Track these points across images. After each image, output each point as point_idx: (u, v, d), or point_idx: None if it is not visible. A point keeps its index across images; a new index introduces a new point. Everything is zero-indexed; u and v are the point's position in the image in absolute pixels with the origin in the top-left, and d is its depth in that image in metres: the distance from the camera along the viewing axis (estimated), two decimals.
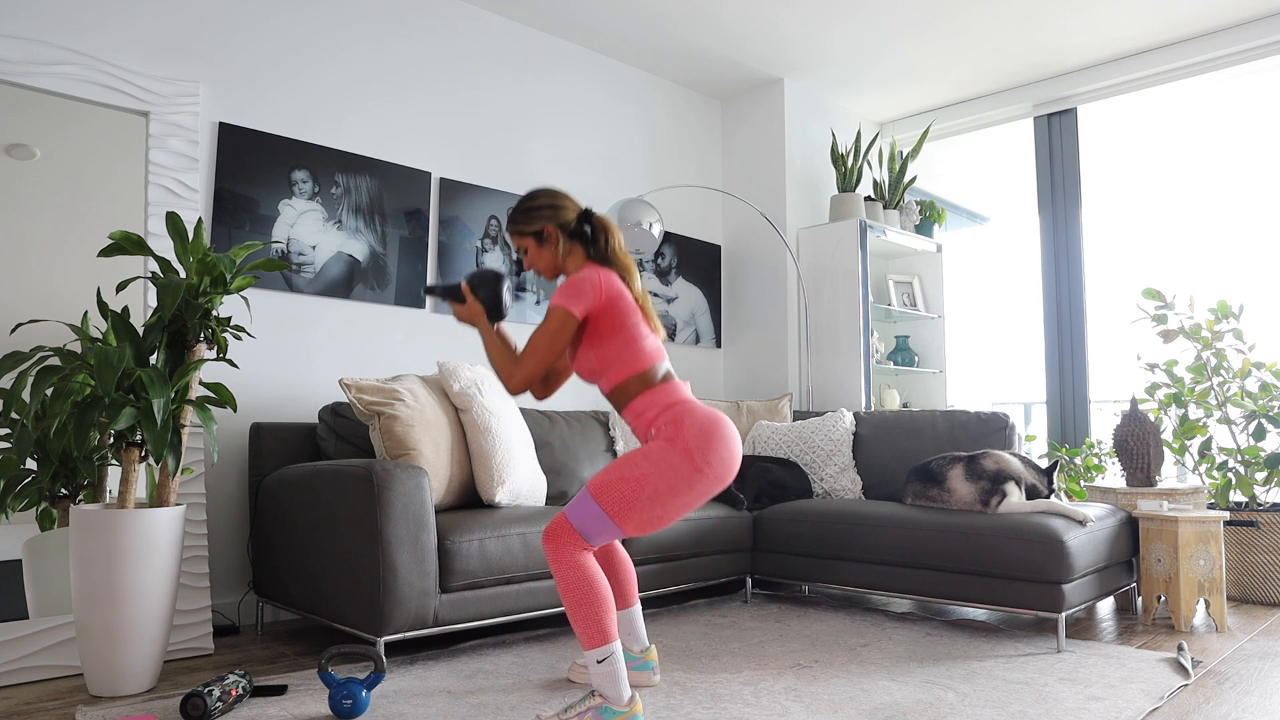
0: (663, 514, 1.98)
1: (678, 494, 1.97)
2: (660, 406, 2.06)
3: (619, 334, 2.09)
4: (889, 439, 3.87)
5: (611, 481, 1.96)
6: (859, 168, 4.78)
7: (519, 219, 2.22)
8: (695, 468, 1.96)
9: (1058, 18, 4.16)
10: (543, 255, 2.22)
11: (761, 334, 4.90)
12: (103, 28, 2.96)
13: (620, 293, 2.11)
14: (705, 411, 2.04)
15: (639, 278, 2.21)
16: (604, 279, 2.09)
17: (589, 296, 2.06)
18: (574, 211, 2.22)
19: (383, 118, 3.67)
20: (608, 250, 2.19)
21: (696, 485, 1.98)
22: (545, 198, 2.22)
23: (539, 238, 2.21)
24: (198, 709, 2.01)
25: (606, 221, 2.22)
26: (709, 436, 1.99)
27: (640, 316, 2.14)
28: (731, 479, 2.04)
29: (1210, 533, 3.10)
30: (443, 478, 2.86)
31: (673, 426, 2.01)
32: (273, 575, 2.91)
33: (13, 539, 2.54)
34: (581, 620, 1.91)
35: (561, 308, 2.05)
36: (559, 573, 1.94)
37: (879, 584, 3.14)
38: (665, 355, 2.17)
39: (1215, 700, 2.24)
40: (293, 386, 3.32)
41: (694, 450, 1.97)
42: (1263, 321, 4.30)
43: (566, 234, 2.20)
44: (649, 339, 2.14)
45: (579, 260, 2.21)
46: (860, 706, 2.16)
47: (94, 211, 2.86)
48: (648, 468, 1.96)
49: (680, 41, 4.42)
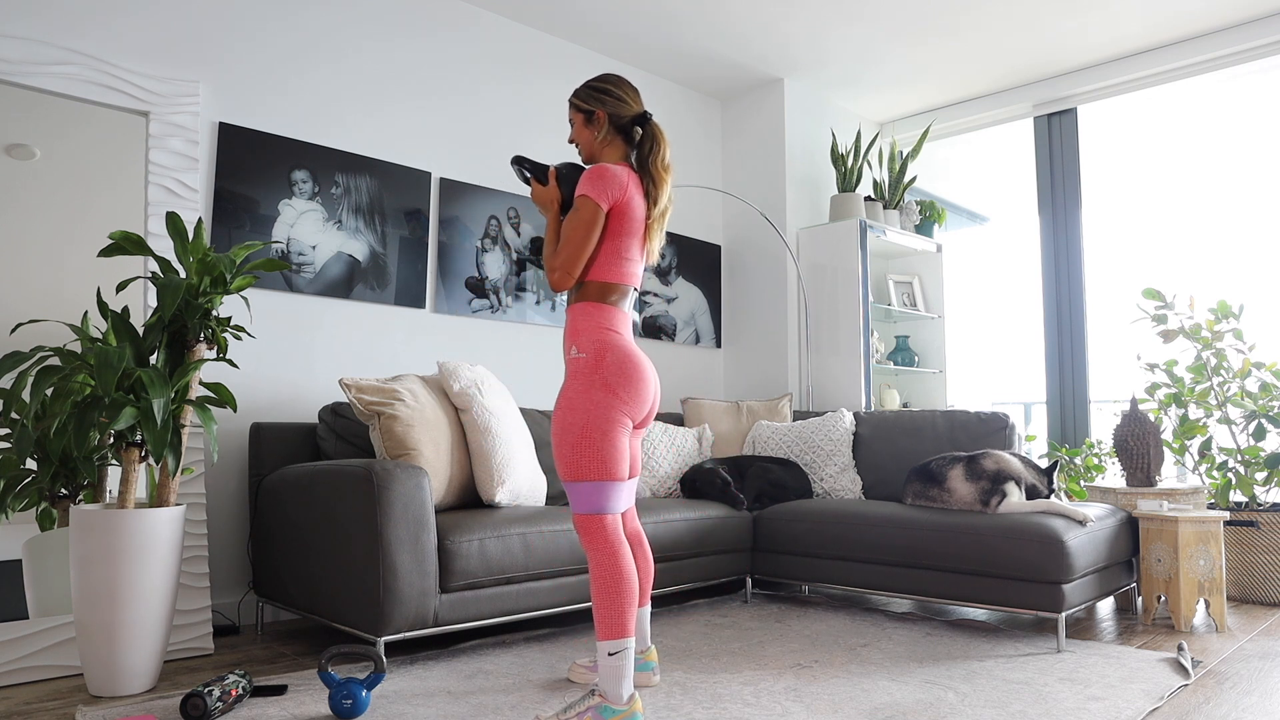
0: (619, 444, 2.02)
1: (617, 423, 2.02)
2: (594, 325, 2.09)
3: (610, 240, 2.11)
4: (889, 439, 3.87)
5: (566, 456, 2.01)
6: (859, 168, 4.78)
7: (582, 92, 2.25)
8: (617, 397, 2.02)
9: (1058, 18, 4.16)
10: (584, 134, 2.25)
11: (761, 334, 4.90)
12: (103, 28, 2.96)
13: (633, 205, 2.12)
14: (630, 349, 2.08)
15: (668, 194, 2.22)
16: (628, 183, 2.11)
17: (614, 189, 2.08)
18: (634, 110, 2.24)
19: (382, 117, 3.67)
20: (649, 159, 2.19)
21: (624, 413, 2.03)
22: (614, 84, 2.25)
23: (589, 117, 2.23)
24: (198, 709, 2.01)
25: (659, 131, 2.22)
26: (625, 371, 2.04)
27: (638, 240, 2.16)
28: (648, 404, 2.10)
29: (1210, 533, 3.10)
30: (443, 478, 2.86)
31: (594, 356, 2.04)
32: (273, 575, 2.91)
33: (13, 539, 2.54)
34: (605, 609, 1.95)
35: (588, 197, 2.07)
36: (594, 559, 1.99)
37: (879, 584, 3.14)
38: (636, 284, 2.19)
39: (1215, 700, 2.24)
40: (293, 386, 3.32)
41: (613, 383, 2.02)
42: (1263, 321, 4.30)
43: (615, 126, 2.22)
44: (632, 262, 2.16)
45: (614, 155, 2.23)
46: (860, 706, 2.16)
47: (94, 211, 2.86)
48: (579, 417, 2.00)
49: (681, 41, 4.42)
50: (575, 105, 2.26)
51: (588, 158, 2.27)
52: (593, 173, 2.09)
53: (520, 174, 2.26)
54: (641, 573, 2.36)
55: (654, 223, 2.19)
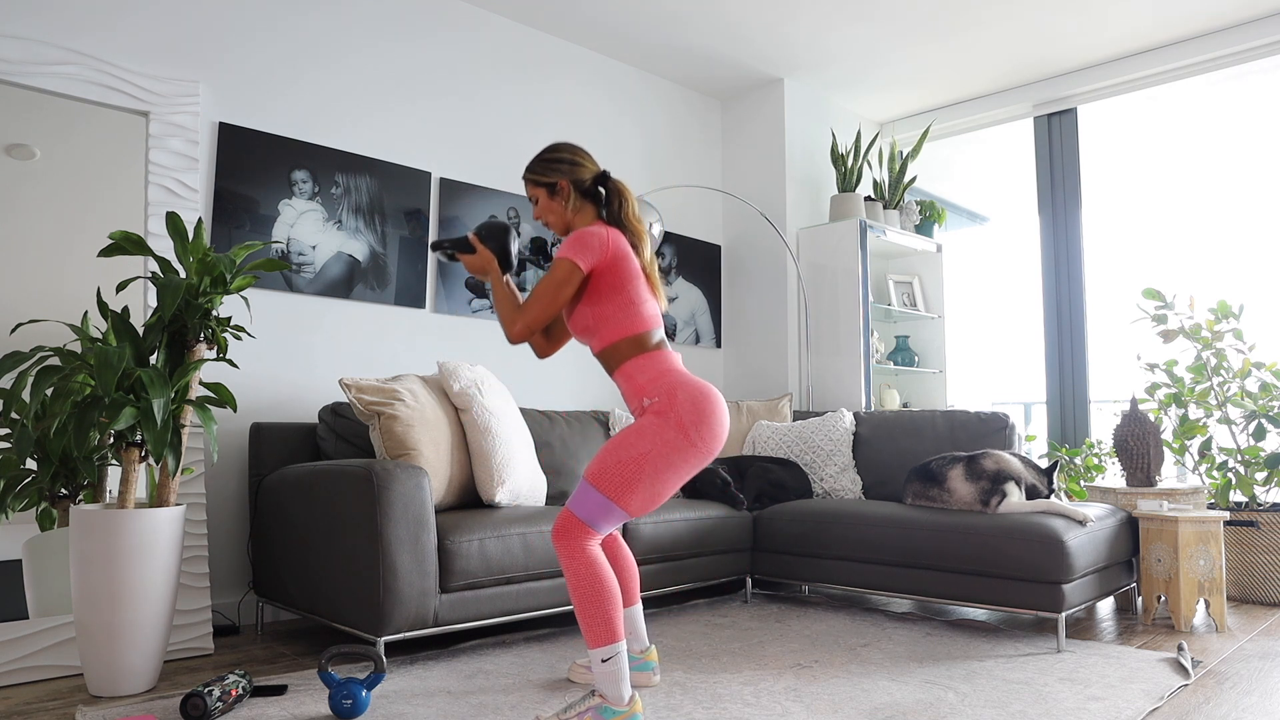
0: (661, 490, 1.99)
1: (674, 468, 1.98)
2: (652, 374, 2.06)
3: (618, 294, 2.09)
4: (889, 439, 3.87)
5: (609, 466, 1.96)
6: (859, 168, 4.78)
7: (536, 167, 2.22)
8: (689, 441, 1.98)
9: (1058, 18, 4.16)
10: (552, 208, 2.22)
11: (761, 334, 4.90)
12: (103, 28, 2.96)
13: (626, 253, 2.11)
14: (697, 383, 2.05)
15: (649, 245, 2.21)
16: (611, 237, 2.09)
17: (595, 251, 2.06)
18: (592, 171, 2.22)
19: (382, 118, 3.67)
20: (620, 215, 2.18)
21: (691, 459, 1.99)
22: (566, 152, 2.21)
23: (551, 189, 2.21)
24: (198, 709, 2.01)
25: (622, 187, 2.21)
26: (701, 410, 2.00)
27: (644, 282, 2.14)
28: (718, 450, 2.06)
29: (1210, 533, 3.10)
30: (443, 478, 2.86)
31: (666, 398, 2.01)
32: (273, 575, 2.91)
33: (13, 539, 2.54)
34: (589, 617, 1.91)
35: (567, 259, 2.04)
36: (569, 568, 1.94)
37: (879, 584, 3.14)
38: (661, 323, 2.17)
39: (1215, 700, 2.24)
40: (293, 386, 3.32)
41: (687, 424, 1.98)
42: (1263, 321, 4.30)
43: (579, 191, 2.20)
44: (648, 304, 2.14)
45: (588, 219, 2.21)
46: (860, 706, 2.16)
47: (94, 211, 2.86)
48: (645, 446, 1.96)
49: (682, 41, 4.42)
50: (534, 181, 2.22)
51: (562, 230, 2.24)
52: (572, 238, 2.07)
53: (446, 255, 2.24)
54: (625, 573, 2.35)
55: (649, 271, 2.18)
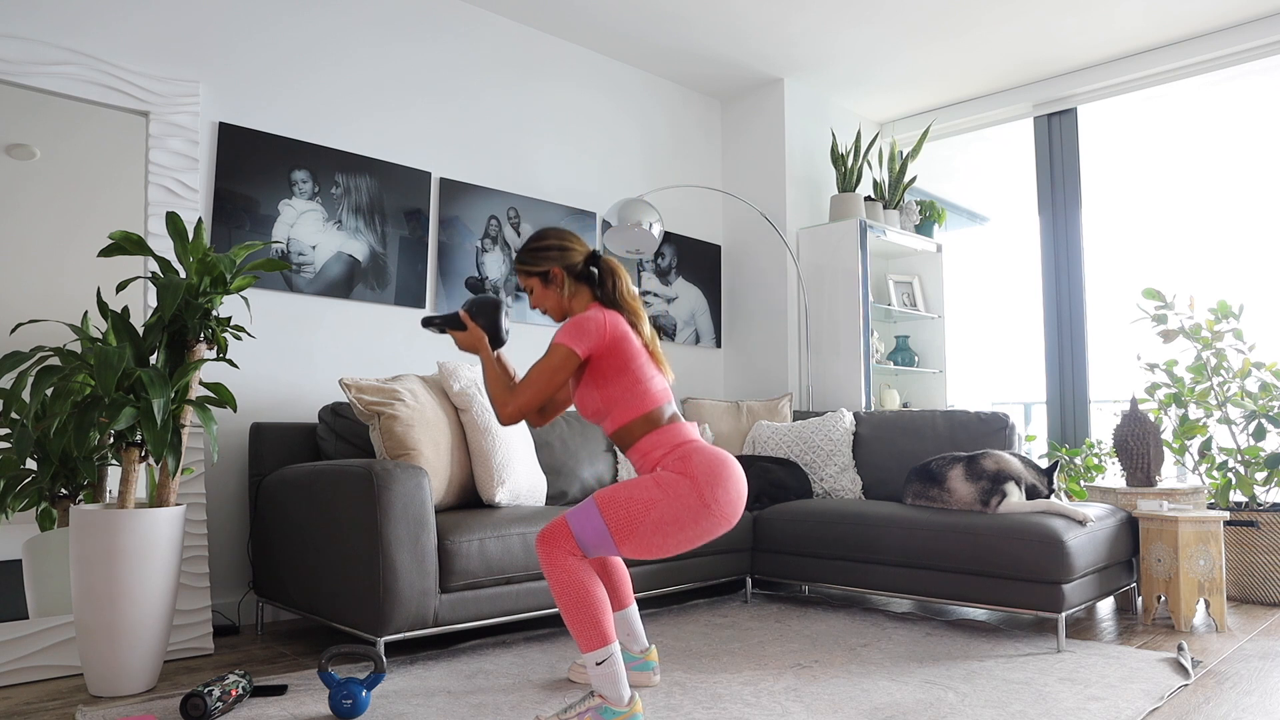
0: (662, 543, 1.96)
1: (682, 527, 1.95)
2: (667, 446, 2.04)
3: (624, 375, 2.07)
4: (889, 439, 3.87)
5: (620, 499, 1.94)
6: (859, 168, 4.78)
7: (526, 258, 2.21)
8: (703, 502, 1.95)
9: (1058, 18, 4.16)
10: (548, 296, 2.21)
11: (761, 334, 4.90)
12: (103, 28, 2.96)
13: (625, 335, 2.09)
14: (713, 451, 2.03)
15: (648, 321, 2.19)
16: (609, 320, 2.07)
17: (592, 336, 2.04)
18: (582, 253, 2.21)
19: (382, 118, 3.67)
20: (615, 293, 2.17)
21: (701, 522, 1.96)
22: (554, 238, 2.21)
23: (544, 278, 2.20)
24: (198, 709, 2.01)
25: (614, 264, 2.20)
26: (716, 476, 1.97)
27: (647, 358, 2.12)
28: (735, 522, 2.02)
29: (1210, 533, 3.10)
30: (443, 478, 2.86)
31: (681, 463, 1.99)
32: (273, 575, 2.91)
33: (13, 539, 2.54)
34: (578, 623, 1.90)
35: (564, 346, 2.03)
36: (552, 575, 1.93)
37: (879, 584, 3.14)
38: (671, 397, 2.15)
39: (1215, 700, 2.24)
40: (293, 386, 3.32)
41: (702, 485, 1.95)
42: (1263, 321, 4.30)
43: (573, 275, 2.20)
44: (655, 380, 2.11)
45: (585, 301, 2.20)
46: (860, 706, 2.16)
47: (94, 211, 2.86)
48: (657, 494, 1.94)
49: (682, 41, 4.42)
50: (526, 272, 2.22)
51: (560, 316, 2.23)
52: (569, 324, 2.05)
53: (436, 330, 2.25)
54: (615, 576, 2.35)
55: (652, 346, 2.16)
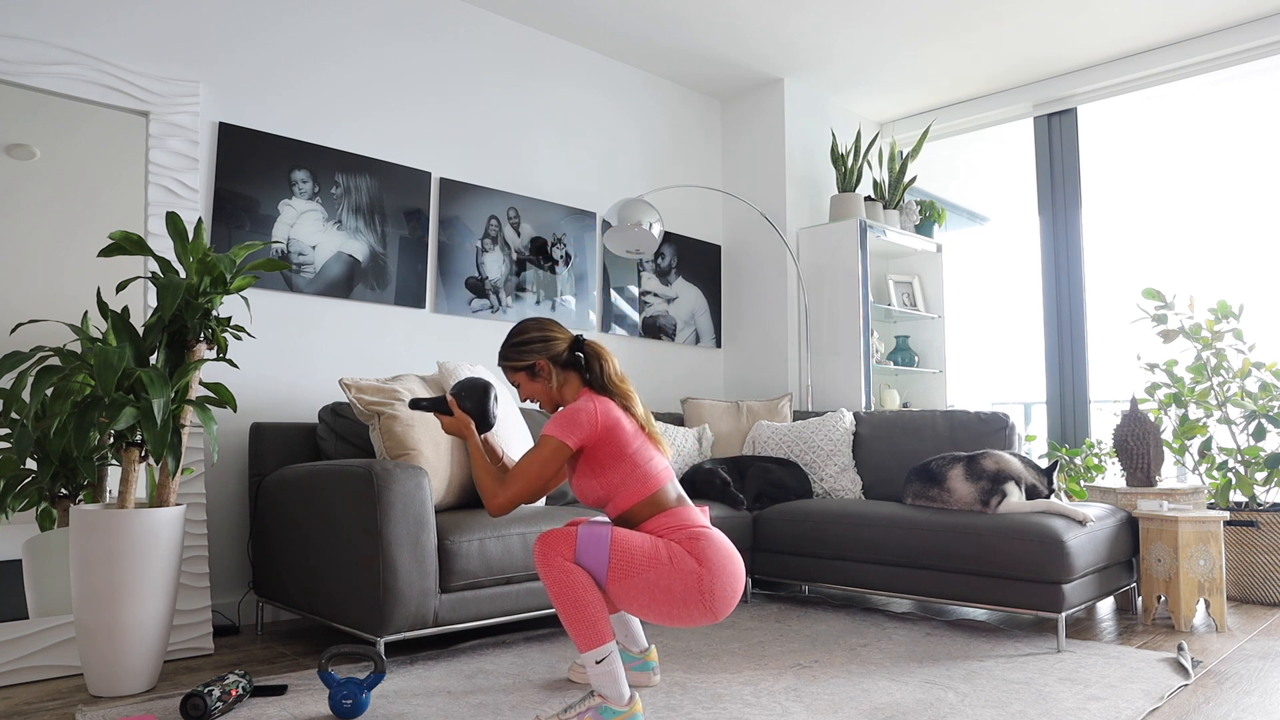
0: (646, 605, 1.93)
1: (671, 601, 1.92)
2: (681, 526, 2.01)
3: (621, 461, 2.05)
4: (889, 439, 3.87)
5: (631, 545, 1.92)
6: (859, 168, 4.78)
7: (509, 354, 2.19)
8: (700, 590, 1.91)
9: (1058, 18, 4.16)
10: (536, 388, 2.19)
11: (761, 334, 4.90)
12: (103, 28, 2.96)
13: (617, 421, 2.07)
14: (725, 543, 1.99)
15: (639, 402, 2.17)
16: (600, 409, 2.05)
17: (584, 428, 2.02)
18: (565, 341, 2.19)
19: (382, 117, 3.67)
20: (604, 377, 2.14)
21: (691, 605, 1.92)
22: (534, 330, 2.18)
23: (531, 372, 2.18)
24: (198, 709, 2.01)
25: (599, 348, 2.18)
26: (723, 570, 1.94)
27: (643, 439, 2.10)
28: (720, 619, 1.98)
29: (1210, 533, 3.10)
30: (443, 478, 2.86)
31: (693, 543, 1.95)
32: (273, 575, 2.91)
33: (13, 539, 2.54)
34: (575, 623, 1.90)
35: (554, 438, 2.01)
36: (548, 576, 1.92)
37: (879, 584, 3.14)
38: (672, 474, 2.13)
39: (1215, 700, 2.24)
40: (293, 386, 3.32)
41: (703, 575, 1.91)
42: (1263, 321, 4.29)
43: (559, 365, 2.18)
44: (654, 461, 2.09)
45: (575, 389, 2.18)
46: (860, 706, 2.16)
47: (94, 211, 2.86)
48: (664, 559, 1.92)
49: (682, 41, 4.42)
50: (512, 368, 2.20)
51: (552, 407, 2.21)
52: (560, 416, 2.04)
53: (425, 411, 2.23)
54: None
55: (647, 426, 2.14)
